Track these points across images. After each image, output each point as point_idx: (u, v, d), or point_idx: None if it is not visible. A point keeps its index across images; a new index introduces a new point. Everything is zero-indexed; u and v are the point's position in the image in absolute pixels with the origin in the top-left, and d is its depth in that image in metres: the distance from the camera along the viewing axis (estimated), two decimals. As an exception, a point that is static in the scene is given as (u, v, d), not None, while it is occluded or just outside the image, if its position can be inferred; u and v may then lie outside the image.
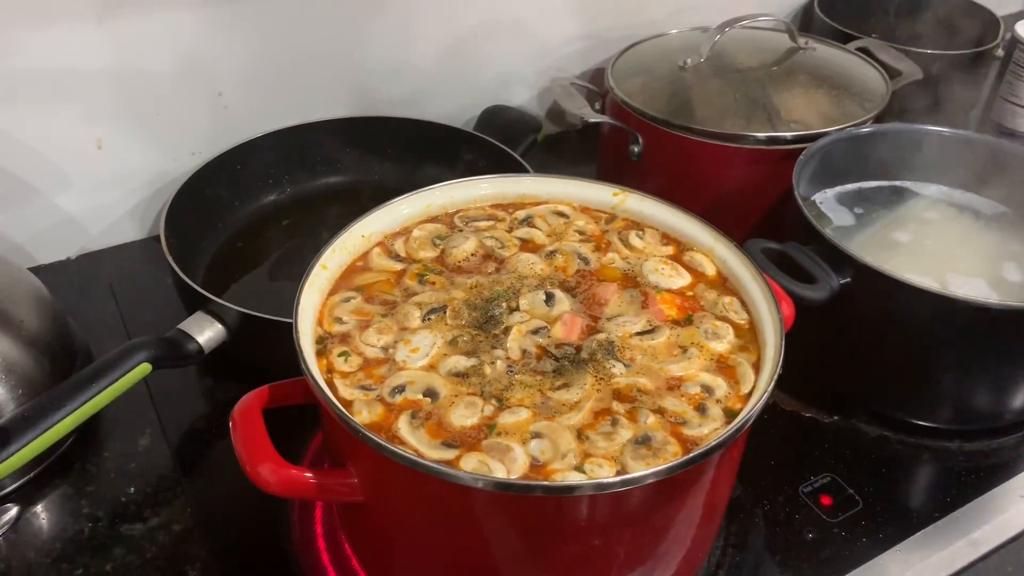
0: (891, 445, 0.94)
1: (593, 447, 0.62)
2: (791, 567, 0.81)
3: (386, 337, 0.71)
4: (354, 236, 0.78)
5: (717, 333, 0.72)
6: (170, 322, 0.89)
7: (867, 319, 0.90)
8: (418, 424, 0.64)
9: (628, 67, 1.22)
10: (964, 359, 0.89)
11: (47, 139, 1.07)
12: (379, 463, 0.61)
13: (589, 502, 0.59)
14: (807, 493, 0.87)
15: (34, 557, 0.79)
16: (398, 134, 1.25)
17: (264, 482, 0.62)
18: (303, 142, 1.22)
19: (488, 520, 0.62)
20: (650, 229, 0.83)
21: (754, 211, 1.11)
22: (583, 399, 0.66)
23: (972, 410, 0.93)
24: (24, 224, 1.11)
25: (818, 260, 0.88)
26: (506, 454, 0.61)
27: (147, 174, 1.16)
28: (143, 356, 0.82)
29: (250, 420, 0.64)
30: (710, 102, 1.14)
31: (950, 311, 0.84)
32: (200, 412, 0.95)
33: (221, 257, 1.13)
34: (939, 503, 0.88)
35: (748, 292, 0.75)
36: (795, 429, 0.95)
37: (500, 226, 0.83)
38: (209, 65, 1.13)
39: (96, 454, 0.89)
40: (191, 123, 1.16)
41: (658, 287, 0.76)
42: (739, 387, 0.68)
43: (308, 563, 0.79)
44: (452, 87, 1.33)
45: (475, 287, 0.76)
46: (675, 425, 0.65)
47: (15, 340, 0.84)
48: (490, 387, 0.67)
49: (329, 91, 1.24)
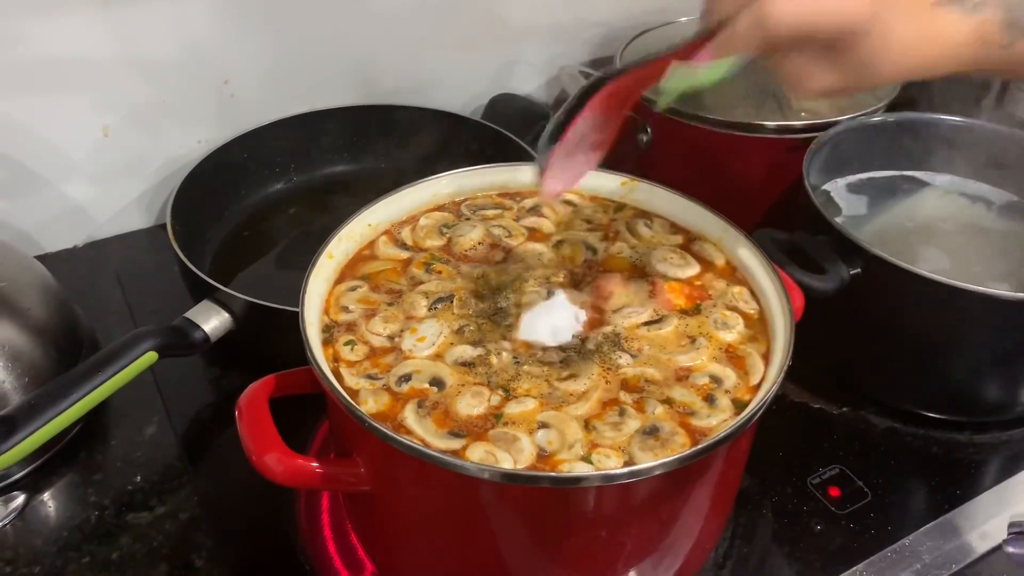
0: (900, 436, 0.93)
1: (600, 437, 0.62)
2: (799, 559, 0.80)
3: (392, 326, 0.70)
4: (360, 225, 0.78)
5: (727, 323, 0.71)
6: (176, 311, 0.89)
7: (877, 310, 0.89)
8: (424, 413, 0.63)
9: (638, 55, 1.20)
10: (975, 350, 0.88)
11: (54, 127, 1.07)
12: (385, 452, 0.60)
13: (596, 493, 0.59)
14: (815, 485, 0.87)
15: (40, 545, 0.79)
16: (405, 123, 1.24)
17: (270, 471, 0.62)
18: (310, 131, 1.22)
19: (495, 510, 0.62)
20: (658, 219, 0.82)
21: (763, 201, 1.10)
22: (590, 389, 0.65)
23: (982, 402, 0.92)
24: (31, 212, 1.11)
25: (828, 250, 0.87)
26: (513, 444, 0.61)
27: (153, 162, 1.16)
28: (149, 345, 0.82)
29: (256, 409, 0.64)
30: (719, 91, 1.11)
31: (961, 302, 0.83)
32: (206, 401, 0.95)
33: (227, 246, 1.13)
34: (949, 495, 0.87)
35: (758, 282, 0.74)
36: (804, 420, 0.94)
37: (507, 215, 0.83)
38: (215, 53, 1.12)
39: (102, 443, 0.89)
40: (197, 111, 1.15)
41: (666, 276, 0.76)
42: (748, 378, 0.67)
43: (314, 552, 0.79)
44: (460, 75, 1.33)
45: (481, 277, 0.76)
46: (683, 416, 0.64)
47: (22, 328, 0.84)
48: (497, 377, 0.66)
49: (336, 79, 1.23)
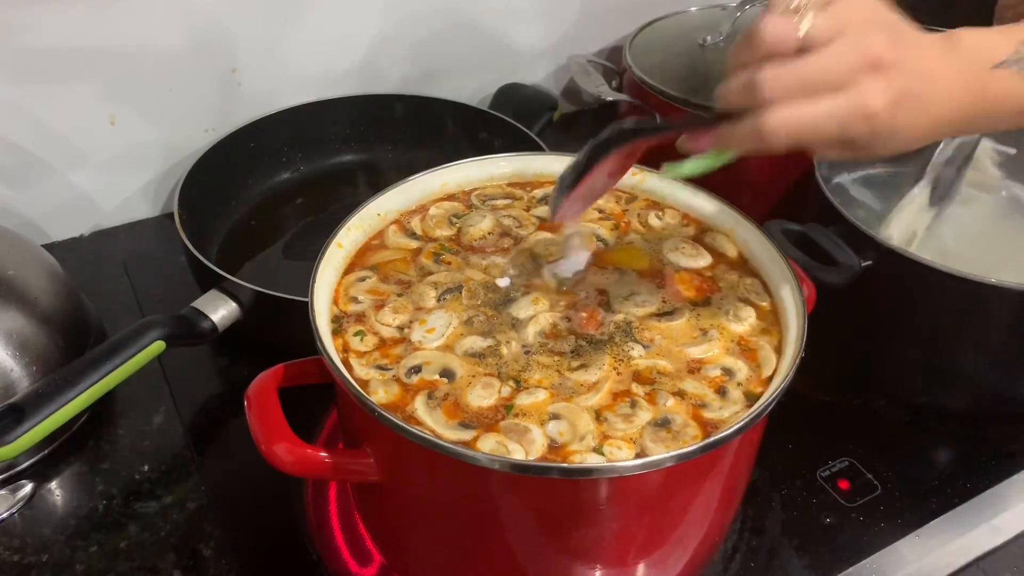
0: (911, 430, 0.93)
1: (612, 429, 0.61)
2: (808, 552, 0.80)
3: (402, 316, 0.70)
4: (370, 214, 0.77)
5: (738, 315, 0.71)
6: (184, 300, 0.89)
7: (889, 302, 0.89)
8: (435, 404, 0.63)
9: (646, 45, 1.20)
10: (987, 343, 0.87)
11: (61, 115, 1.06)
12: (395, 443, 0.60)
13: (607, 485, 0.58)
14: (825, 477, 0.86)
15: (48, 534, 0.79)
16: (413, 113, 1.24)
17: (279, 461, 0.61)
18: (317, 120, 1.21)
19: (505, 501, 0.61)
20: (670, 209, 0.82)
21: (774, 193, 1.09)
22: (601, 380, 0.65)
23: (994, 395, 0.92)
24: (38, 200, 1.11)
25: (840, 242, 0.86)
26: (524, 435, 0.60)
27: (160, 151, 1.16)
28: (157, 334, 0.82)
29: (265, 399, 0.64)
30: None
31: (974, 295, 0.82)
32: (214, 390, 0.95)
33: (235, 235, 1.12)
34: (959, 489, 0.87)
35: (769, 274, 0.74)
36: (813, 413, 0.93)
37: (518, 205, 0.82)
38: (223, 42, 1.12)
39: (110, 432, 0.89)
40: (204, 100, 1.15)
41: (678, 266, 0.75)
42: (761, 370, 0.67)
43: (322, 542, 0.79)
44: (467, 65, 1.32)
45: (491, 267, 0.75)
46: (695, 408, 0.64)
47: (29, 317, 0.84)
48: (507, 368, 0.66)
49: (343, 69, 1.23)
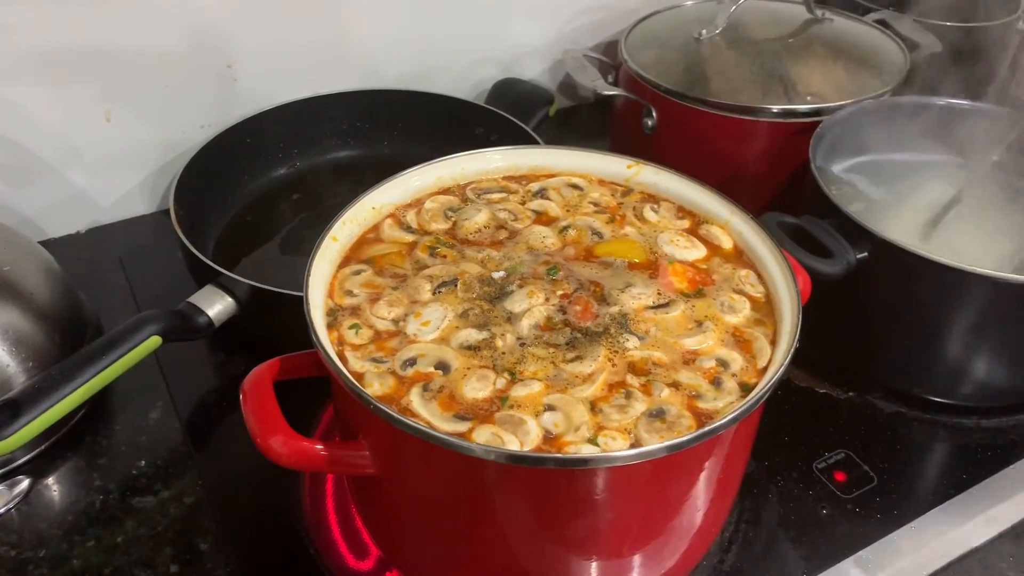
0: (906, 421, 0.93)
1: (607, 420, 0.62)
2: (804, 543, 0.80)
3: (397, 310, 0.70)
4: (365, 208, 0.77)
5: (733, 306, 0.71)
6: (180, 296, 0.89)
7: (884, 294, 0.89)
8: (430, 396, 0.63)
9: (642, 39, 1.20)
10: (982, 335, 0.87)
11: (57, 112, 1.07)
12: (391, 436, 0.60)
13: (602, 475, 0.59)
14: (821, 469, 0.87)
15: (45, 529, 0.80)
16: (409, 108, 1.24)
17: (275, 454, 0.61)
18: (313, 115, 1.22)
19: (500, 492, 0.61)
20: (665, 202, 0.82)
21: (770, 184, 1.09)
22: (596, 371, 0.65)
23: (989, 387, 0.92)
24: (34, 197, 1.11)
25: (835, 234, 0.86)
26: (519, 427, 0.61)
27: (156, 147, 1.16)
28: (153, 329, 0.82)
29: (261, 392, 0.64)
30: (726, 74, 1.12)
31: (968, 286, 0.83)
32: (210, 385, 0.95)
33: (231, 231, 1.13)
34: (955, 480, 0.87)
35: (764, 265, 0.74)
36: (809, 405, 0.94)
37: (513, 198, 0.82)
38: (219, 37, 1.12)
39: (107, 427, 0.89)
40: (200, 96, 1.15)
41: (672, 258, 0.76)
42: (755, 361, 0.67)
43: (319, 535, 0.79)
44: (463, 60, 1.32)
45: (485, 261, 0.75)
46: (690, 398, 0.64)
47: (25, 313, 0.84)
48: (502, 360, 0.66)
49: (339, 64, 1.23)
